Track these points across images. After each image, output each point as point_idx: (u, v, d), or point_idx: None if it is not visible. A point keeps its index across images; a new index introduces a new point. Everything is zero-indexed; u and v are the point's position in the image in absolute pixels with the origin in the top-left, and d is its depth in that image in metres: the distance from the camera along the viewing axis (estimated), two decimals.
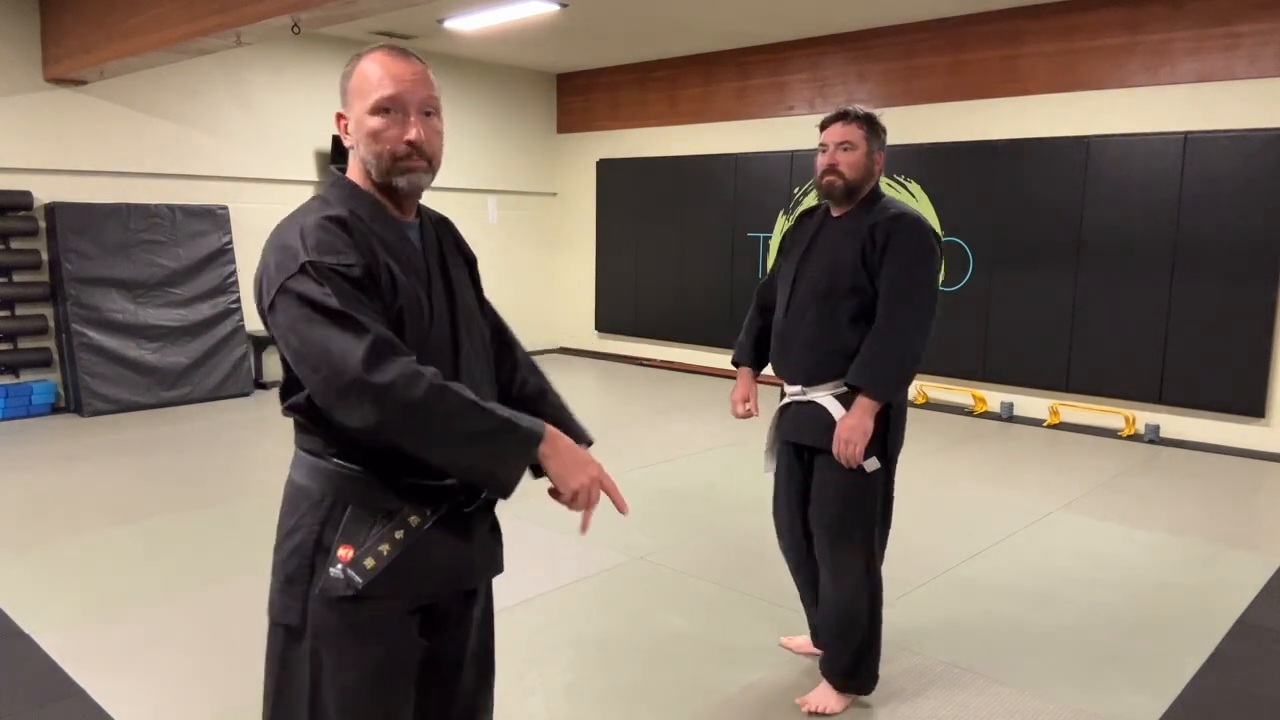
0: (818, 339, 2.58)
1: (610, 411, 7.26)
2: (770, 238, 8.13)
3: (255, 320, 6.96)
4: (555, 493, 1.45)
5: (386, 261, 1.43)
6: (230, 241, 7.19)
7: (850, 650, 2.61)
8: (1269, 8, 5.63)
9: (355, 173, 1.52)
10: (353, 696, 1.44)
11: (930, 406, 7.17)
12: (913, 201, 7.12)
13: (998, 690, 2.84)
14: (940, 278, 2.61)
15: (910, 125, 7.12)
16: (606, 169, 9.43)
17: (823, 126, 2.61)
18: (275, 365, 7.07)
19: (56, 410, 6.66)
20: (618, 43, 8.08)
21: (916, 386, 7.26)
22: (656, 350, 9.26)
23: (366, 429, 1.34)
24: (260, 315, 1.44)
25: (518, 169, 9.59)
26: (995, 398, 6.97)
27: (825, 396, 2.57)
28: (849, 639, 2.60)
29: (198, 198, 7.23)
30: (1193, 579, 3.77)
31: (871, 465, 2.54)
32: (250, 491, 4.76)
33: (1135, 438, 6.27)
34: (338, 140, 1.59)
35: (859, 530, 2.56)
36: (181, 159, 7.17)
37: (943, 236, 7.01)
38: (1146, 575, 3.81)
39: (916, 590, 3.58)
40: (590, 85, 9.52)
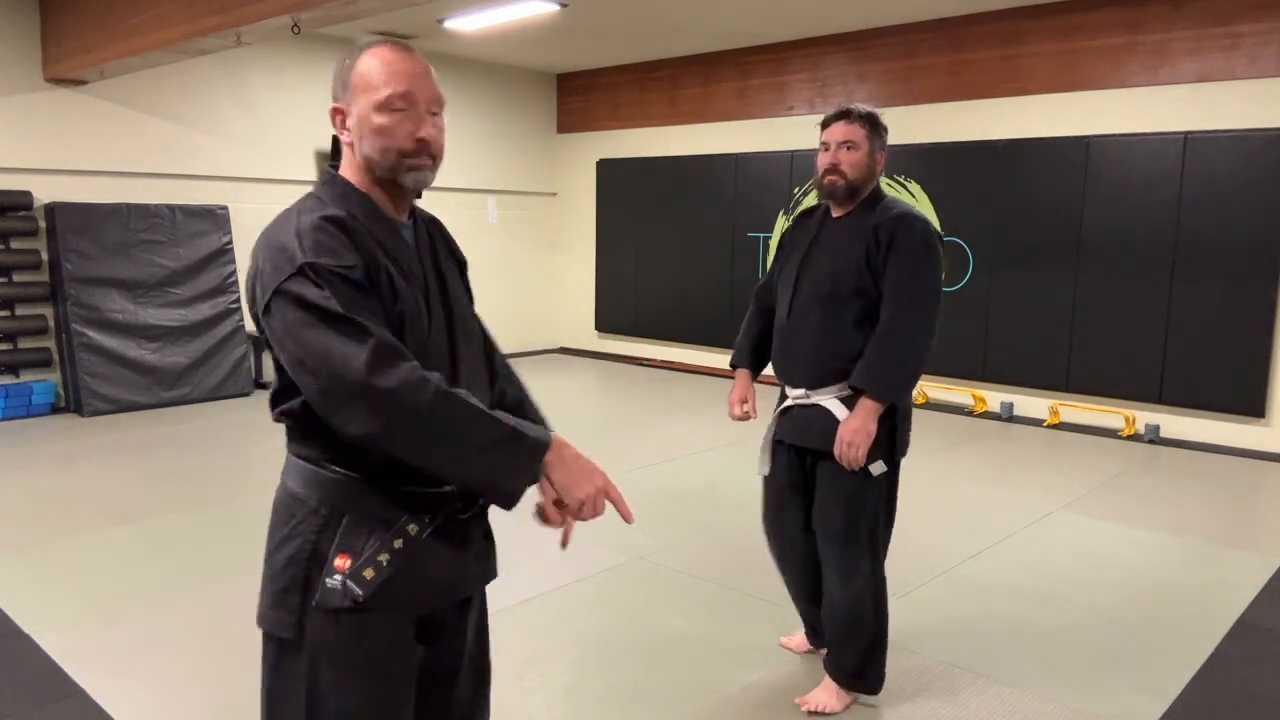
0: (822, 342, 2.55)
1: (610, 411, 7.26)
2: (770, 238, 8.12)
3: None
4: (559, 503, 1.39)
5: (386, 264, 1.39)
6: (230, 241, 7.19)
7: (858, 651, 2.61)
8: (1269, 8, 5.63)
9: (350, 170, 1.47)
10: (353, 710, 1.41)
11: (930, 406, 7.17)
12: (913, 201, 7.11)
13: (998, 690, 2.84)
14: (943, 278, 2.60)
15: (910, 125, 7.12)
16: (606, 169, 9.43)
17: (824, 125, 2.57)
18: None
19: (56, 410, 6.66)
20: (618, 43, 8.08)
21: (917, 387, 7.25)
22: (656, 350, 9.26)
23: (367, 437, 1.30)
24: (253, 318, 1.40)
25: (518, 169, 9.59)
26: (995, 398, 6.97)
27: (830, 400, 2.55)
28: (857, 639, 2.60)
29: (198, 198, 7.23)
30: (1193, 579, 3.78)
31: (878, 469, 2.51)
32: (250, 491, 4.75)
33: (1135, 438, 6.27)
34: (337, 139, 1.49)
35: (866, 533, 2.55)
36: (181, 159, 7.18)
37: (943, 236, 7.00)
38: (1146, 575, 3.81)
39: (916, 590, 3.58)
40: (590, 85, 9.52)
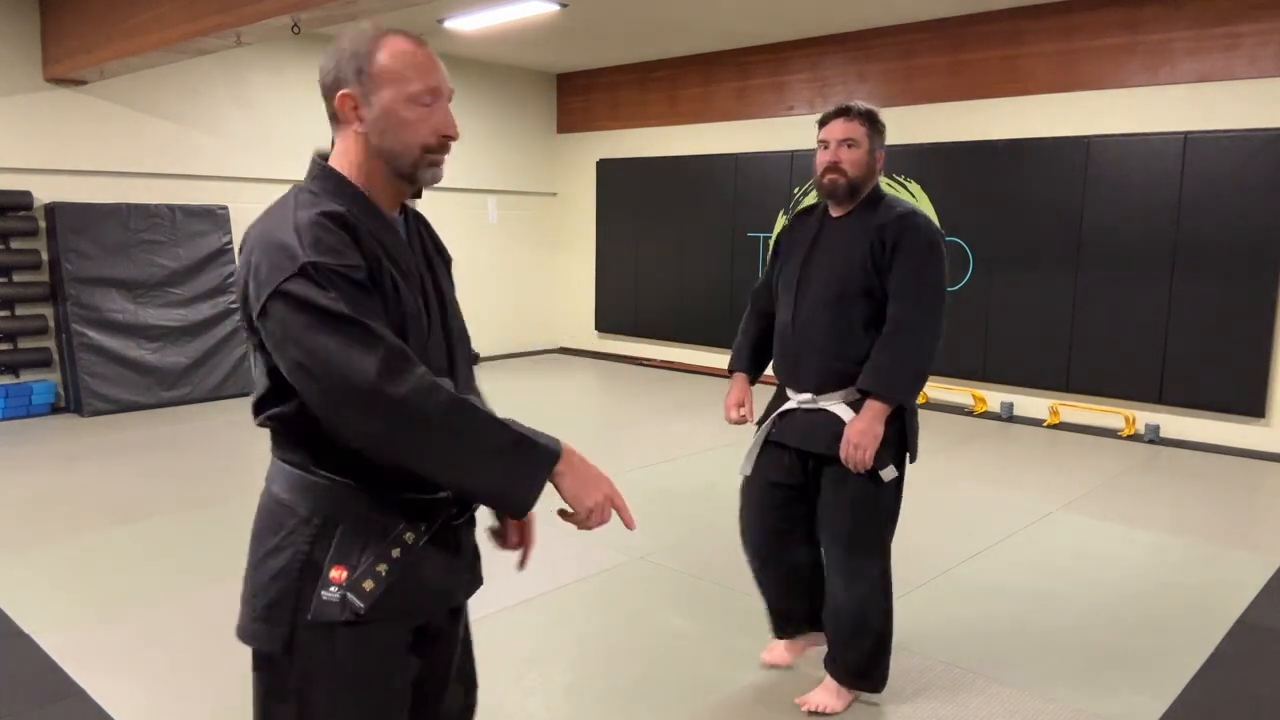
0: (830, 345, 2.50)
1: (610, 411, 7.26)
2: (770, 238, 8.12)
3: None
4: (564, 513, 1.36)
5: (388, 264, 1.35)
6: (230, 241, 7.18)
7: (864, 651, 2.60)
8: (1269, 8, 5.63)
9: (347, 162, 1.39)
10: None
11: (930, 406, 7.16)
12: (912, 201, 7.11)
13: (998, 690, 2.84)
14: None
15: (910, 125, 7.12)
16: (606, 169, 9.43)
17: (822, 123, 2.52)
18: None
19: (56, 410, 6.66)
20: (618, 43, 8.08)
21: None
22: (656, 350, 9.26)
23: (375, 444, 1.26)
24: (246, 319, 1.33)
25: (518, 169, 9.59)
26: (995, 398, 6.97)
27: (837, 405, 2.50)
28: (863, 640, 2.58)
29: (198, 198, 7.23)
30: (1193, 579, 3.77)
31: (889, 474, 2.47)
32: (250, 491, 4.72)
33: (1135, 438, 6.27)
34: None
35: (875, 537, 2.54)
36: (181, 159, 7.17)
37: (944, 236, 7.00)
38: (1146, 575, 3.81)
39: (916, 590, 3.58)
40: (590, 85, 9.51)
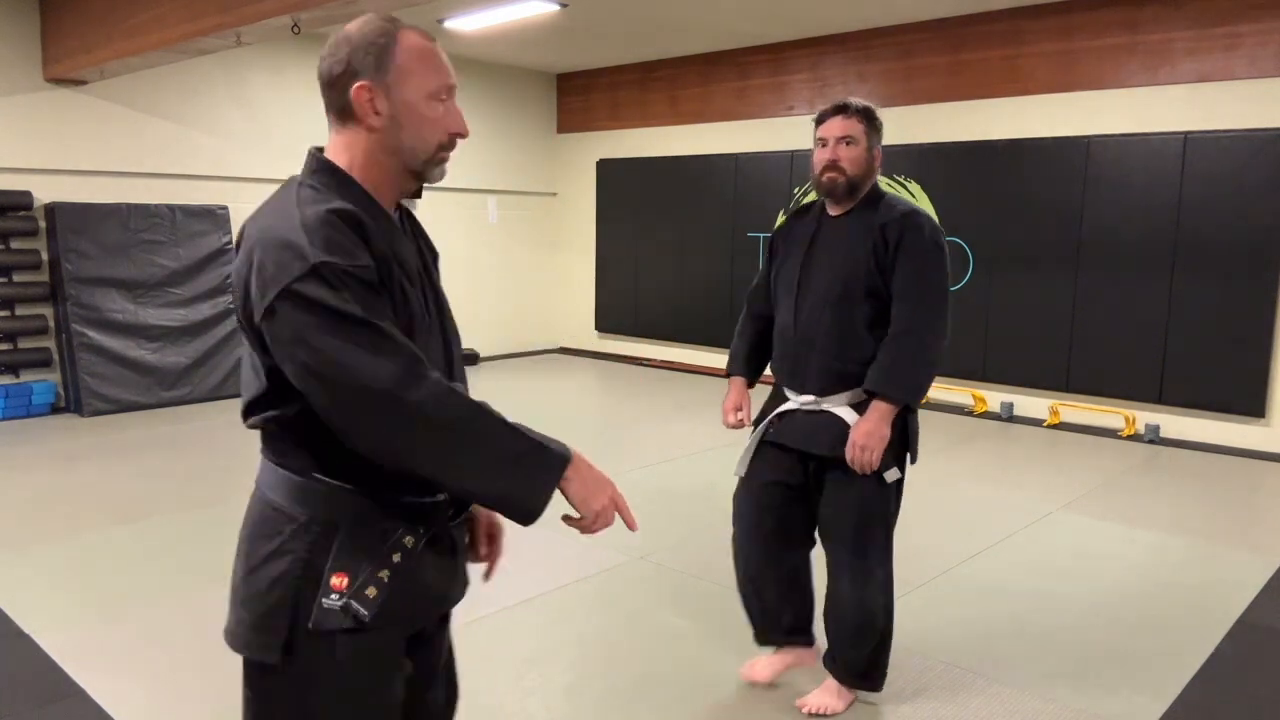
0: (834, 347, 2.46)
1: (610, 411, 7.26)
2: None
3: None
4: (568, 518, 1.34)
5: (396, 264, 1.32)
6: (230, 241, 7.18)
7: (867, 651, 2.60)
8: (1269, 8, 5.63)
9: (349, 157, 1.35)
10: None
11: (930, 406, 7.16)
12: (912, 201, 7.11)
13: (998, 690, 2.84)
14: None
15: (910, 125, 7.12)
16: (606, 169, 9.43)
17: (819, 120, 2.48)
18: None
19: (56, 410, 6.66)
20: (618, 43, 8.08)
21: None
22: (656, 350, 9.26)
23: (385, 449, 1.23)
24: (245, 319, 1.28)
25: (518, 169, 9.59)
26: (995, 398, 6.97)
27: (841, 406, 2.47)
28: (867, 640, 2.59)
29: (198, 198, 7.23)
30: (1193, 579, 3.77)
31: (892, 475, 2.46)
32: (250, 491, 4.75)
33: (1135, 438, 6.27)
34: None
35: (879, 538, 2.54)
36: (181, 159, 7.18)
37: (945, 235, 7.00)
38: (1146, 575, 3.81)
39: (916, 590, 3.58)
40: (590, 85, 9.51)
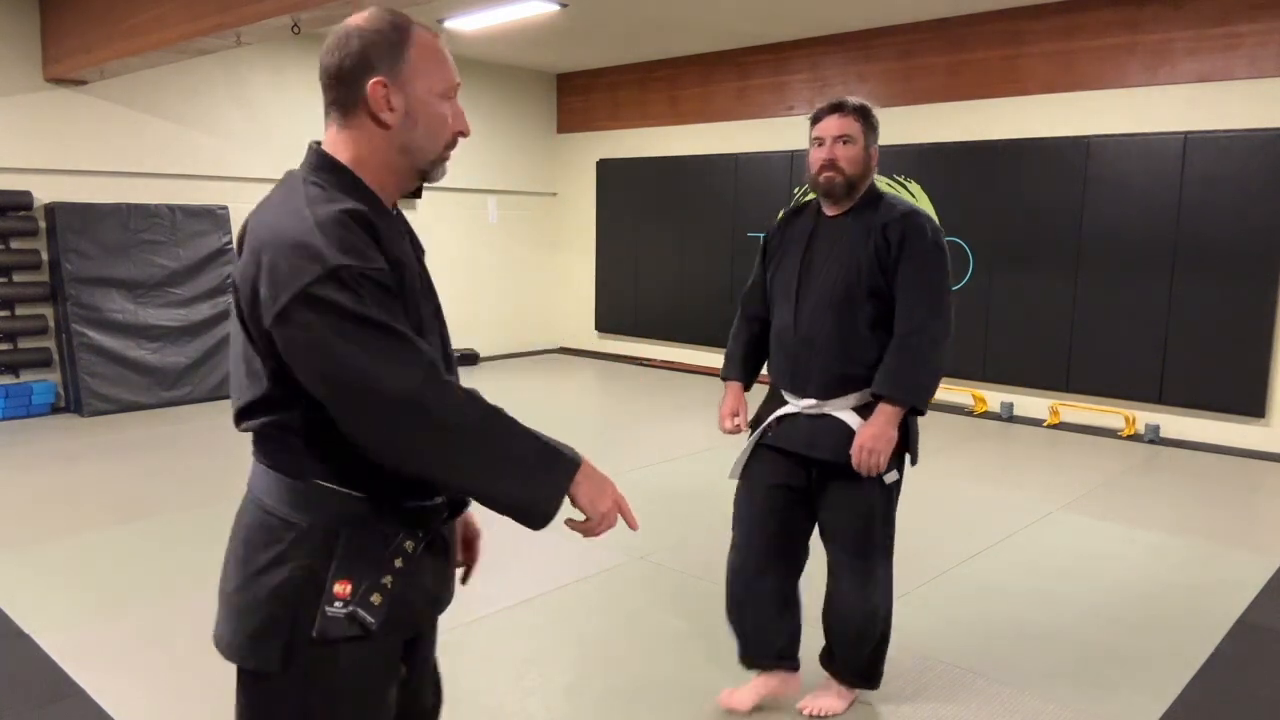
0: (837, 349, 2.42)
1: (610, 411, 7.26)
2: None
3: None
4: (571, 522, 1.34)
5: (408, 265, 1.30)
6: (230, 241, 7.18)
7: (868, 651, 2.62)
8: (1269, 8, 5.63)
9: (353, 153, 1.32)
10: None
11: (930, 406, 7.13)
12: (912, 201, 7.11)
13: (998, 690, 2.84)
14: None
15: (910, 125, 7.12)
16: (606, 169, 9.43)
17: (815, 119, 2.44)
18: None
19: (56, 410, 6.66)
20: (618, 43, 8.08)
21: None
22: (656, 350, 9.26)
23: (403, 455, 1.21)
24: (251, 321, 1.24)
25: (518, 169, 9.59)
26: (995, 398, 6.97)
27: (844, 410, 2.44)
28: (868, 641, 2.60)
29: (198, 198, 7.23)
30: (1193, 579, 3.77)
31: (891, 477, 2.46)
32: None
33: (1135, 438, 6.27)
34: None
35: (883, 541, 2.54)
36: (181, 159, 7.17)
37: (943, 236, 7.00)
38: (1147, 575, 3.81)
39: (916, 590, 3.58)
40: (590, 85, 9.51)
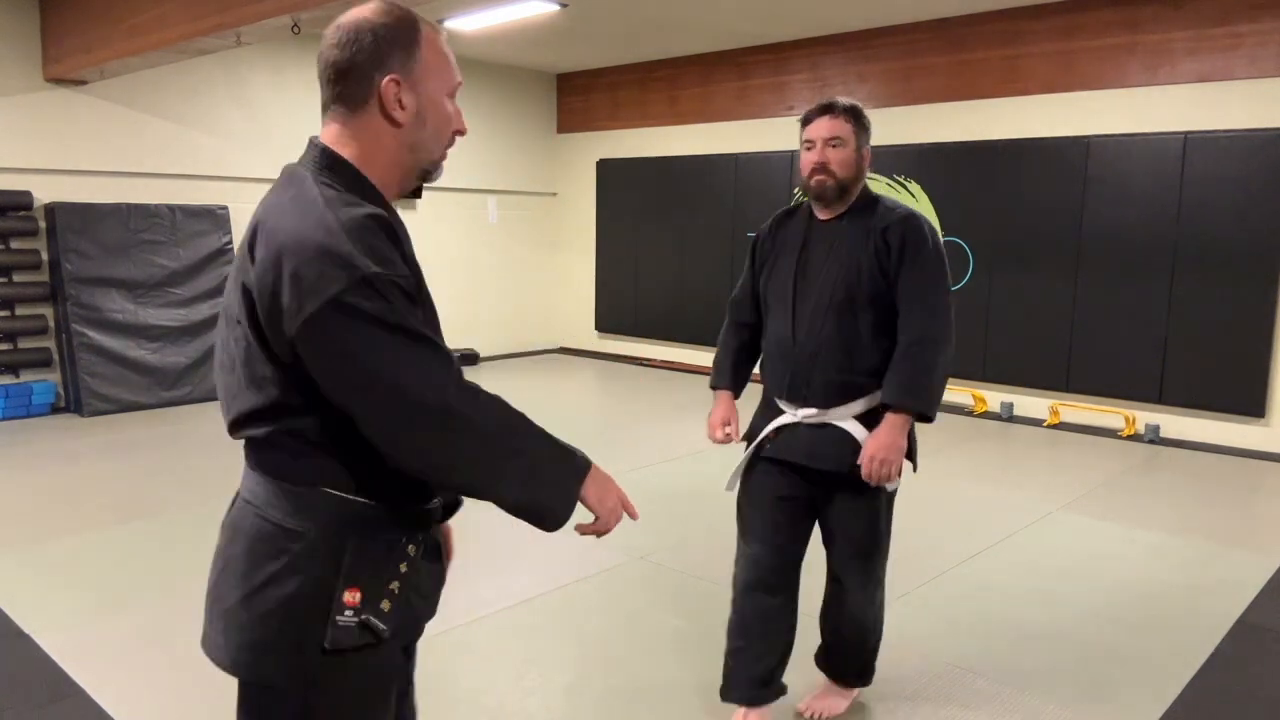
0: (839, 356, 2.37)
1: (610, 411, 7.26)
2: None
3: None
4: (582, 526, 1.34)
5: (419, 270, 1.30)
6: (230, 241, 7.18)
7: (868, 651, 2.65)
8: (1269, 8, 5.63)
9: (359, 151, 1.29)
10: None
11: None
12: (913, 201, 7.12)
13: (997, 690, 2.84)
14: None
15: (910, 125, 7.12)
16: (606, 169, 9.43)
17: (805, 121, 2.38)
18: None
19: (56, 410, 6.66)
20: (618, 43, 8.08)
21: None
22: (656, 350, 9.26)
23: (430, 460, 1.21)
24: (268, 326, 1.21)
25: (518, 169, 9.59)
26: (995, 398, 6.97)
27: (847, 420, 2.39)
28: (870, 641, 2.63)
29: (198, 198, 7.23)
30: (1193, 579, 3.77)
31: (893, 485, 2.44)
32: None
33: (1135, 438, 6.27)
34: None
35: (885, 545, 2.56)
36: (181, 159, 7.17)
37: (943, 236, 7.00)
38: (1147, 575, 3.81)
39: (916, 590, 3.58)
40: (590, 85, 9.51)
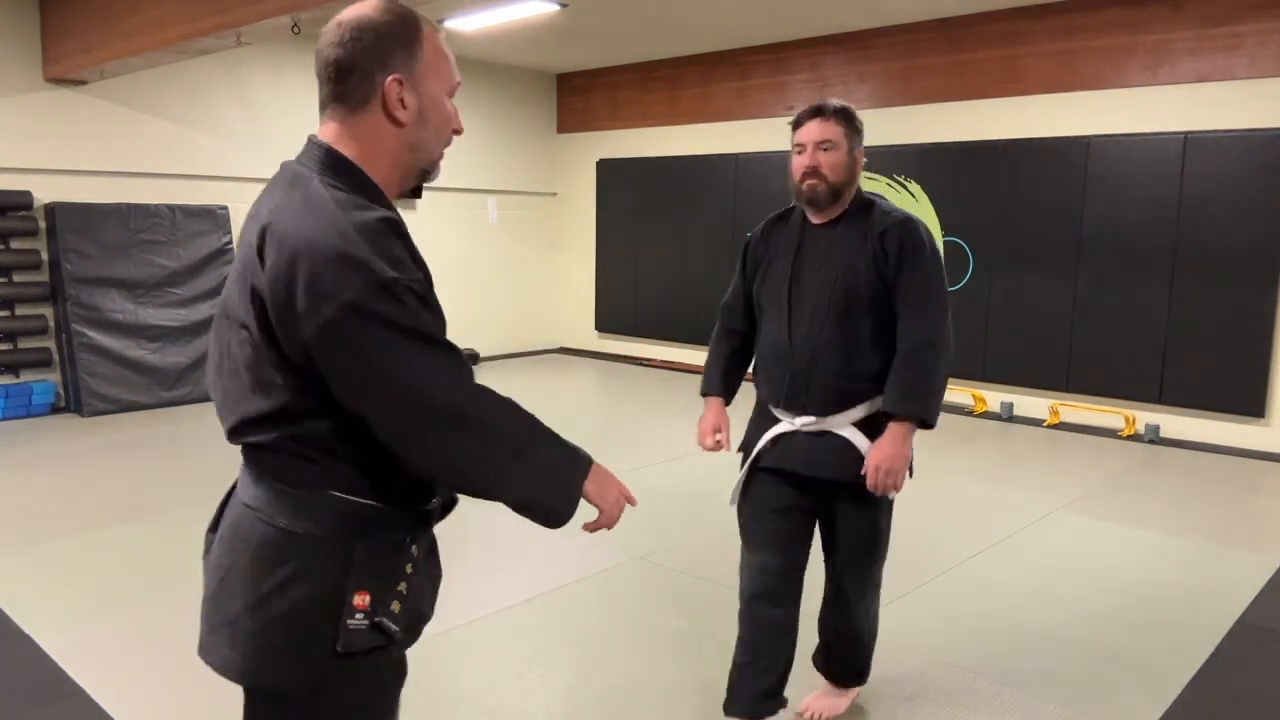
0: (839, 363, 2.32)
1: (610, 411, 7.26)
2: None
3: None
4: (589, 525, 1.35)
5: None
6: (230, 241, 7.18)
7: (865, 652, 2.66)
8: (1269, 8, 5.63)
9: (361, 151, 1.28)
10: None
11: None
12: (913, 201, 7.12)
13: (998, 690, 2.84)
14: None
15: (910, 125, 7.12)
16: (606, 169, 9.43)
17: (796, 124, 2.33)
18: None
19: (56, 410, 6.66)
20: (618, 43, 8.08)
21: None
22: (656, 350, 9.25)
23: (444, 463, 1.22)
24: (280, 329, 1.20)
25: (518, 169, 9.59)
26: (995, 398, 6.97)
27: (846, 427, 2.35)
28: (869, 643, 2.65)
29: (198, 198, 7.23)
30: (1193, 579, 3.77)
31: (894, 491, 2.42)
32: None
33: (1135, 438, 6.27)
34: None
35: (886, 549, 2.57)
36: (181, 159, 7.17)
37: (943, 236, 7.02)
38: (1147, 575, 3.81)
39: (916, 590, 3.58)
40: (590, 85, 9.51)
